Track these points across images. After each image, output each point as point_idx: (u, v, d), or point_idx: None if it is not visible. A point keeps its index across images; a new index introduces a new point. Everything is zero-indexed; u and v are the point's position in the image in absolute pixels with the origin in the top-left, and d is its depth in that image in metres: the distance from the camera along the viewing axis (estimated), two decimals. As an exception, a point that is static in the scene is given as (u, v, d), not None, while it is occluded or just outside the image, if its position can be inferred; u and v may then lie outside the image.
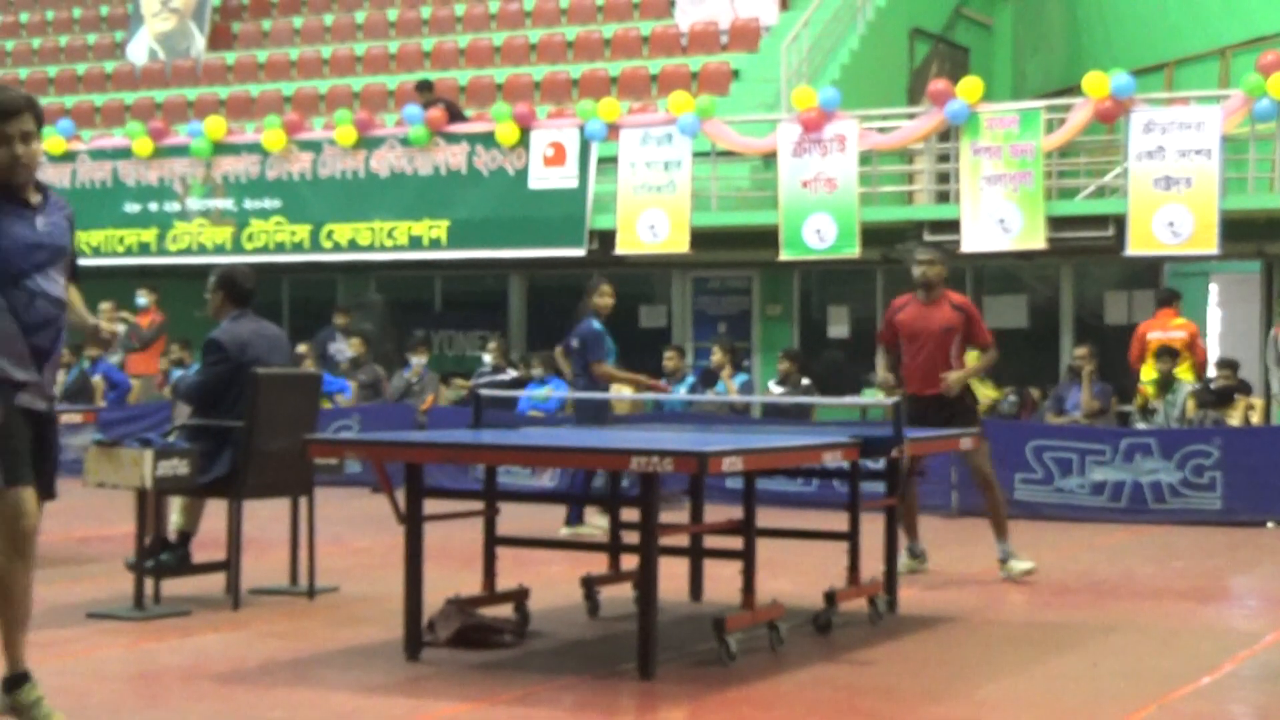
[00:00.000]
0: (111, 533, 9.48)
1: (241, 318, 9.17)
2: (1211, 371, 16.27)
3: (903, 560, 9.96)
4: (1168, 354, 15.70)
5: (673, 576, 8.44)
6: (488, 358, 17.59)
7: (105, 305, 19.62)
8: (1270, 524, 13.34)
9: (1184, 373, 15.45)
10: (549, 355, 17.15)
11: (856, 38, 20.65)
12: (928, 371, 10.24)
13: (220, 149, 19.58)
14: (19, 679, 5.86)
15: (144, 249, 19.85)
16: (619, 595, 8.78)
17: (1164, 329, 15.73)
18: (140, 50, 25.44)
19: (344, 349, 18.72)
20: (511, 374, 17.16)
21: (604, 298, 12.87)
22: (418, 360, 18.00)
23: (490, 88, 21.52)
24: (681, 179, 17.16)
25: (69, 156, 20.35)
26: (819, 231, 16.54)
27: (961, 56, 23.18)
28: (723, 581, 8.67)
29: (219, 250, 19.14)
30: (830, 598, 8.22)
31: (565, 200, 17.79)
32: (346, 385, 17.93)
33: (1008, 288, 18.50)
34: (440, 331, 20.80)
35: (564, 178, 17.83)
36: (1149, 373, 15.49)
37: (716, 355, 16.65)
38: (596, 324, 12.79)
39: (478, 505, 8.31)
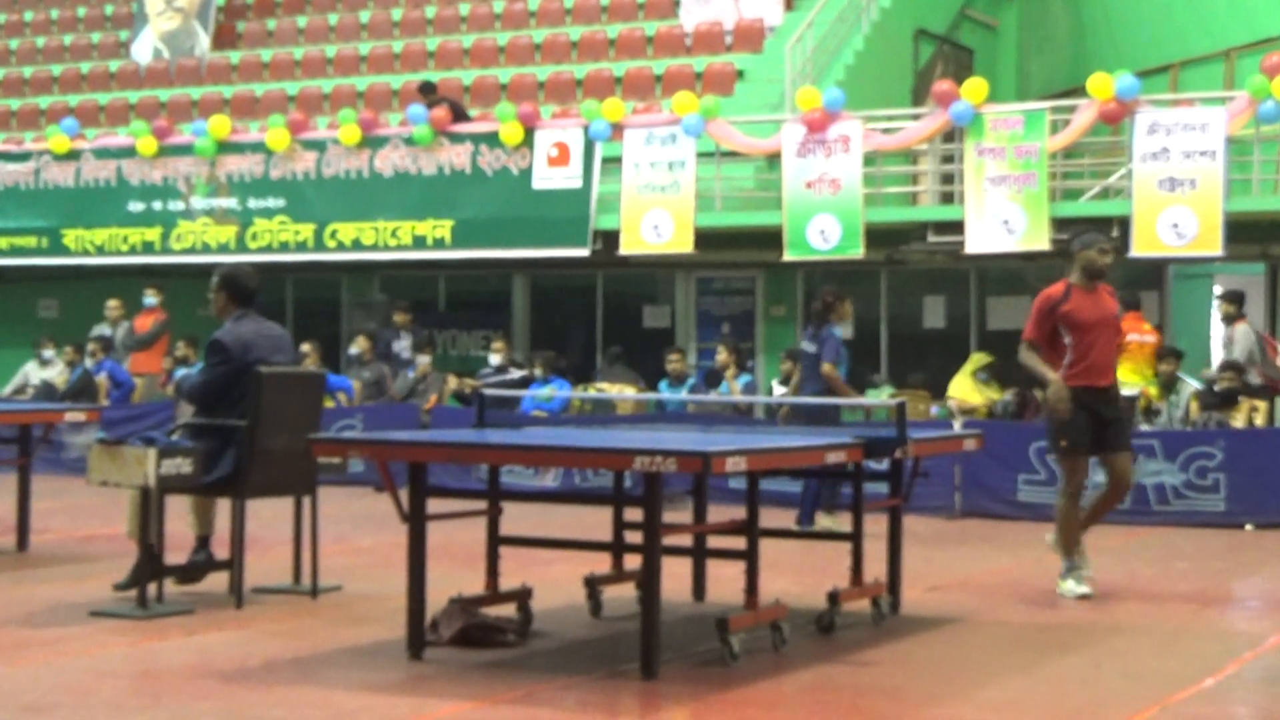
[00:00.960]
0: (115, 531, 9.49)
1: (244, 318, 9.17)
2: (1215, 374, 16.25)
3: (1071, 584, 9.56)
4: (1172, 355, 15.70)
5: (676, 576, 8.44)
6: (494, 358, 17.59)
7: (113, 303, 19.70)
8: (1249, 526, 13.31)
9: (1134, 377, 15.50)
10: (550, 355, 17.15)
11: (861, 38, 20.65)
12: (1104, 362, 9.70)
13: (224, 148, 19.59)
14: None
15: (148, 248, 19.86)
16: (622, 595, 8.78)
17: (1139, 332, 15.63)
18: (145, 49, 25.46)
19: (407, 347, 18.42)
20: (517, 374, 17.16)
21: (848, 311, 13.30)
22: (423, 359, 17.99)
23: (495, 87, 21.53)
24: (685, 179, 17.16)
25: (73, 155, 20.36)
26: (823, 232, 16.54)
27: (966, 57, 23.18)
28: (726, 582, 8.68)
29: (223, 249, 19.15)
30: (833, 598, 8.22)
31: (569, 200, 17.79)
32: (349, 384, 17.93)
33: (1011, 289, 18.49)
34: (444, 331, 20.81)
35: (568, 178, 17.84)
36: (1126, 374, 15.54)
37: (722, 355, 16.65)
38: (838, 331, 13.14)
39: (481, 505, 8.31)
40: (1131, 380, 15.50)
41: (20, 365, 20.08)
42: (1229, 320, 15.82)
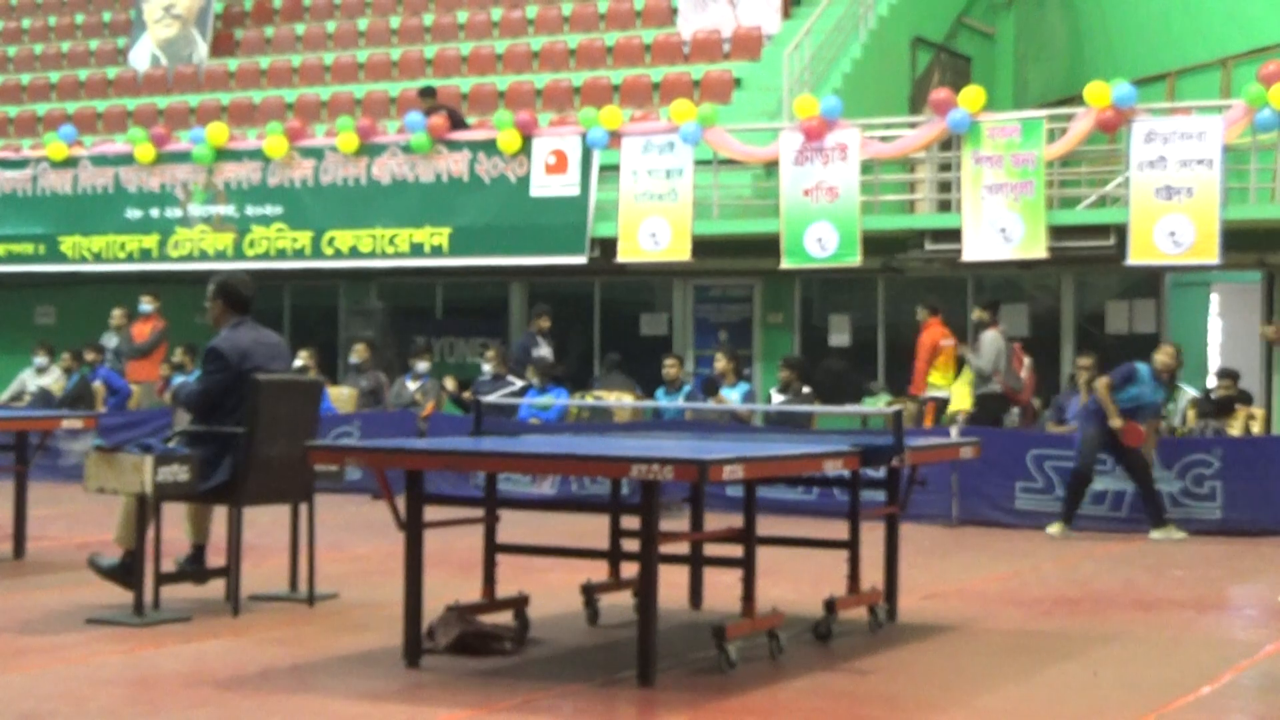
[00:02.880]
0: (112, 538, 9.48)
1: (241, 325, 9.17)
2: (1212, 381, 16.27)
3: None
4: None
5: (673, 584, 8.44)
6: (487, 367, 17.58)
7: (117, 312, 19.68)
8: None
9: (941, 380, 16.10)
10: (547, 363, 17.14)
11: (858, 46, 20.67)
12: None
13: (222, 155, 19.59)
14: None
15: (145, 255, 19.85)
16: (619, 603, 8.79)
17: (946, 338, 16.25)
18: (142, 56, 25.47)
19: (547, 354, 17.58)
20: (518, 384, 17.15)
21: (1167, 357, 13.82)
22: (422, 365, 17.97)
23: (492, 95, 21.54)
24: (683, 187, 17.17)
25: (71, 162, 20.36)
26: (820, 240, 16.55)
27: (963, 65, 23.20)
28: (723, 589, 8.68)
29: (220, 257, 19.14)
30: (830, 606, 8.23)
31: (567, 208, 17.80)
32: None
33: (1009, 297, 18.49)
34: (441, 338, 20.80)
35: (565, 185, 17.84)
36: (938, 378, 16.15)
37: (720, 363, 16.64)
38: (1142, 366, 13.65)
39: (478, 512, 8.31)
40: (939, 384, 16.11)
41: (17, 372, 20.08)
42: (981, 327, 16.18)
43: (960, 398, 16.31)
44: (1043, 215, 15.81)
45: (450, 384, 17.90)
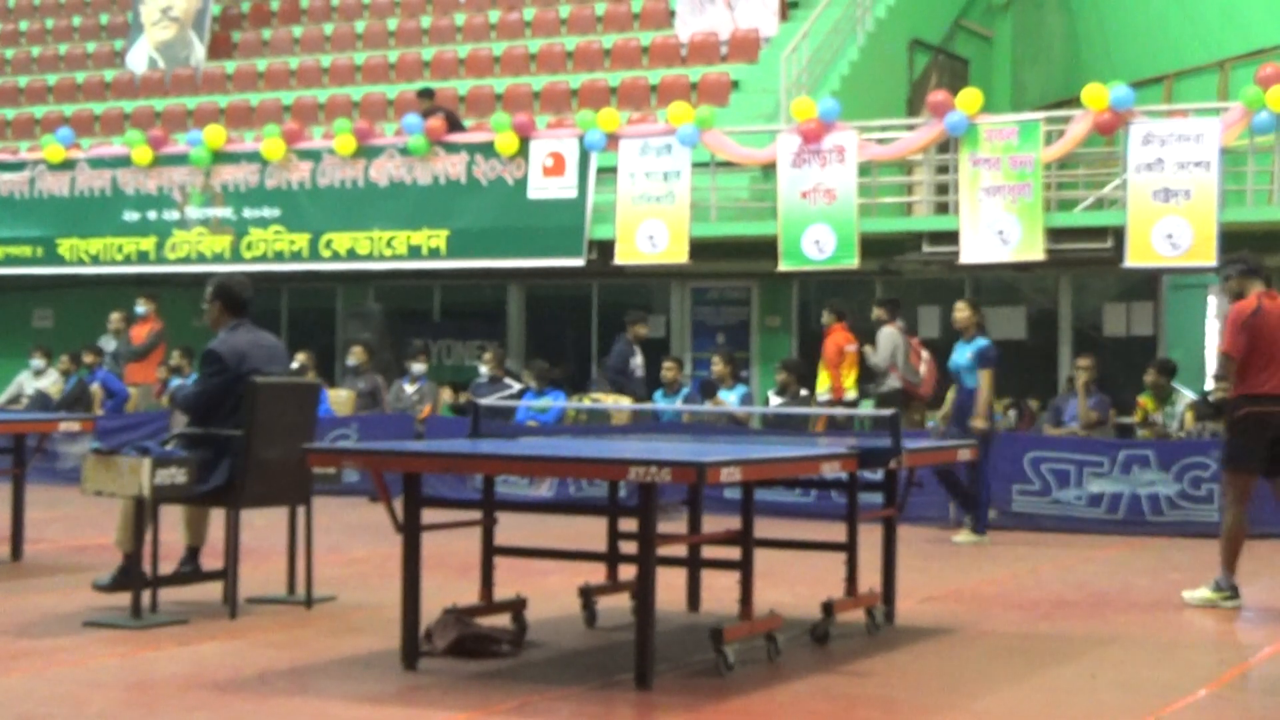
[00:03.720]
0: (109, 541, 9.48)
1: (239, 328, 9.17)
2: (1210, 384, 16.25)
3: (1205, 591, 9.81)
4: (1165, 366, 15.70)
5: (670, 587, 8.44)
6: (484, 369, 17.58)
7: (116, 315, 19.67)
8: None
9: (849, 384, 16.23)
10: (544, 367, 17.14)
11: (856, 49, 20.67)
12: None
13: (219, 158, 19.58)
14: None
15: (143, 257, 19.85)
16: (616, 605, 8.78)
17: (851, 343, 16.28)
18: (140, 59, 25.46)
19: (640, 363, 17.02)
20: (515, 386, 17.15)
21: (957, 312, 13.63)
22: (419, 368, 17.97)
23: (490, 97, 21.54)
24: (680, 189, 17.17)
25: (68, 165, 20.36)
26: (818, 242, 16.56)
27: (961, 68, 23.20)
28: (720, 592, 8.67)
29: (218, 259, 19.13)
30: (828, 609, 8.23)
31: (564, 210, 17.79)
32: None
33: (1006, 299, 18.50)
34: (439, 341, 20.80)
35: (563, 188, 17.84)
36: (845, 381, 16.31)
37: (718, 367, 16.63)
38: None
39: (476, 515, 8.31)
40: (846, 388, 16.30)
41: (15, 375, 20.07)
42: (879, 324, 16.27)
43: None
44: (1040, 217, 15.82)
45: (447, 395, 17.89)
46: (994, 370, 13.37)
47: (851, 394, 16.37)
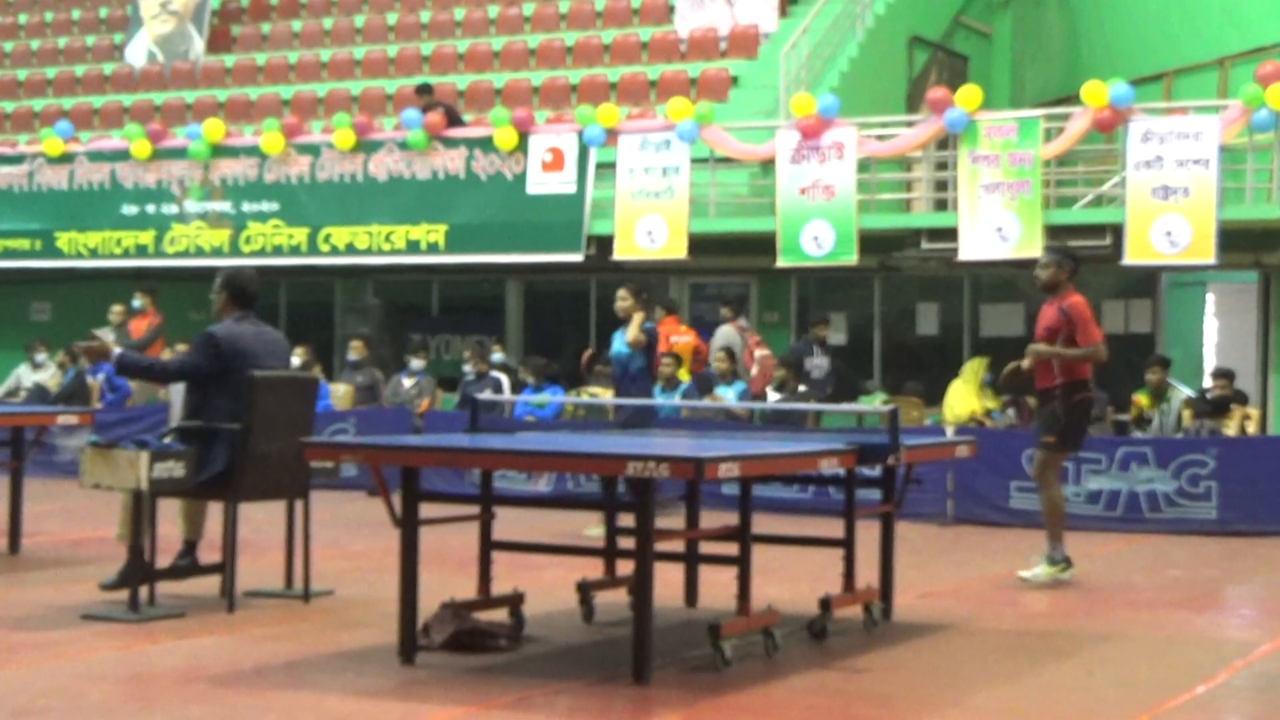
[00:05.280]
0: (107, 534, 9.49)
1: (244, 320, 9.19)
2: (1208, 381, 16.27)
3: (1042, 568, 10.36)
4: (1160, 364, 15.72)
5: (668, 582, 8.44)
6: (468, 367, 17.54)
7: (117, 308, 19.66)
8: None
9: (684, 375, 16.43)
10: (541, 363, 17.13)
11: (855, 45, 20.65)
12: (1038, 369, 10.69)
13: (218, 152, 19.58)
14: None
15: (141, 251, 19.85)
16: (614, 600, 8.78)
17: (677, 334, 16.56)
18: (139, 52, 25.44)
19: (823, 364, 16.73)
20: (505, 382, 17.12)
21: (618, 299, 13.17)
22: (418, 363, 17.96)
23: (489, 92, 21.53)
24: (680, 185, 17.17)
25: (67, 158, 20.35)
26: (817, 239, 16.55)
27: (960, 65, 23.20)
28: (718, 587, 8.68)
29: (216, 253, 19.14)
30: (825, 604, 8.23)
31: (563, 205, 17.79)
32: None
33: (1005, 296, 18.50)
34: (437, 336, 20.80)
35: (562, 183, 17.84)
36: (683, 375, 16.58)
37: (721, 364, 16.62)
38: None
39: (474, 509, 8.31)
40: (681, 377, 16.44)
41: (13, 368, 20.06)
42: (724, 321, 17.07)
43: (965, 401, 16.32)
44: (1039, 214, 15.82)
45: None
46: (651, 354, 12.97)
47: (682, 383, 16.60)
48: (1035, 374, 10.68)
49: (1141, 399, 15.59)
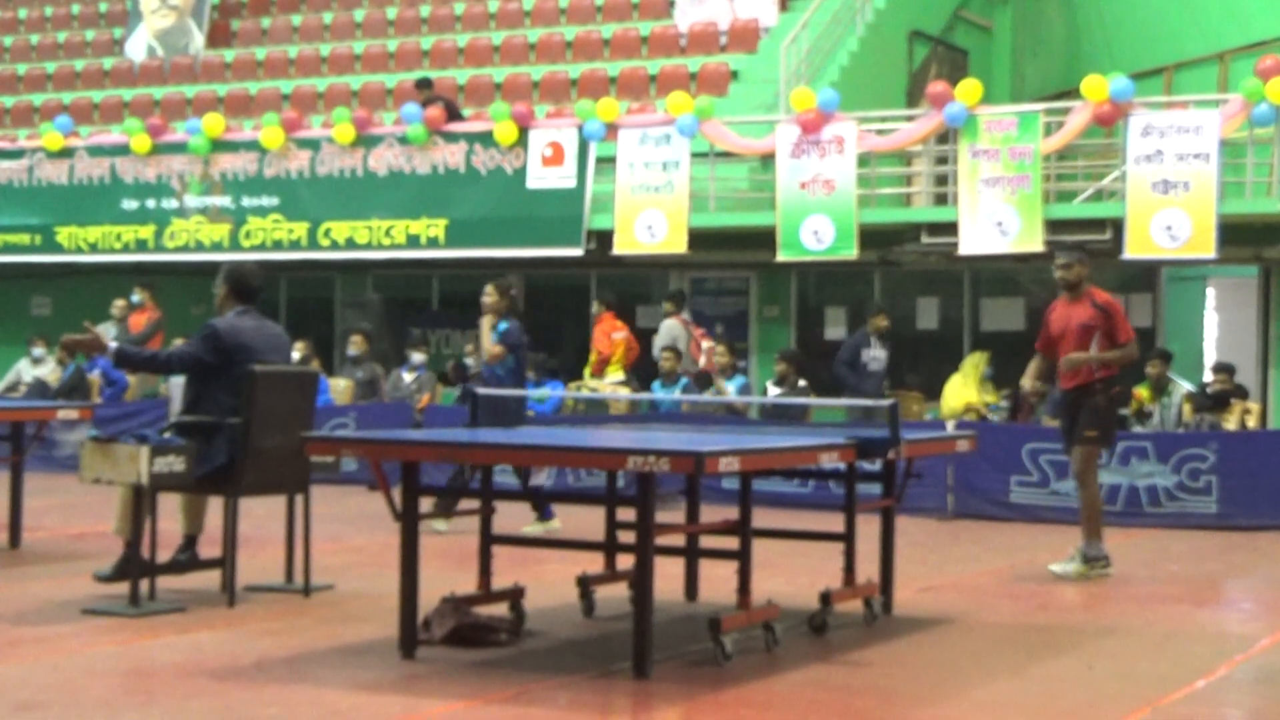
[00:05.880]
0: (107, 529, 9.49)
1: (245, 314, 9.19)
2: (1208, 376, 16.27)
3: (1075, 565, 10.34)
4: (1160, 357, 15.72)
5: (668, 577, 8.44)
6: (469, 360, 17.55)
7: (119, 302, 19.66)
8: None
9: (615, 369, 16.96)
10: (539, 358, 17.14)
11: (855, 39, 20.65)
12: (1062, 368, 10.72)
13: (218, 146, 19.57)
14: None
15: (141, 246, 19.84)
16: (614, 595, 8.78)
17: (616, 330, 17.22)
18: (139, 47, 25.43)
19: (881, 356, 16.36)
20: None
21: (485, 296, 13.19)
22: (418, 357, 17.96)
23: (489, 87, 21.52)
24: (679, 179, 17.16)
25: (67, 153, 20.34)
26: (817, 233, 16.54)
27: (960, 59, 23.19)
28: (718, 582, 8.68)
29: (216, 248, 19.14)
30: (825, 599, 8.23)
31: (563, 200, 17.79)
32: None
33: (1005, 290, 18.51)
34: (437, 330, 20.80)
35: (562, 177, 17.83)
36: (613, 369, 16.96)
37: (724, 358, 16.63)
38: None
39: (474, 504, 8.31)
40: (613, 373, 16.95)
41: (13, 363, 20.06)
42: (666, 316, 17.24)
43: (962, 395, 16.33)
44: (1039, 209, 15.81)
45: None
46: (519, 352, 12.79)
47: (616, 376, 17.02)
48: (1062, 374, 10.69)
49: (1142, 393, 15.58)
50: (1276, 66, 15.26)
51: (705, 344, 17.02)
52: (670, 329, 17.11)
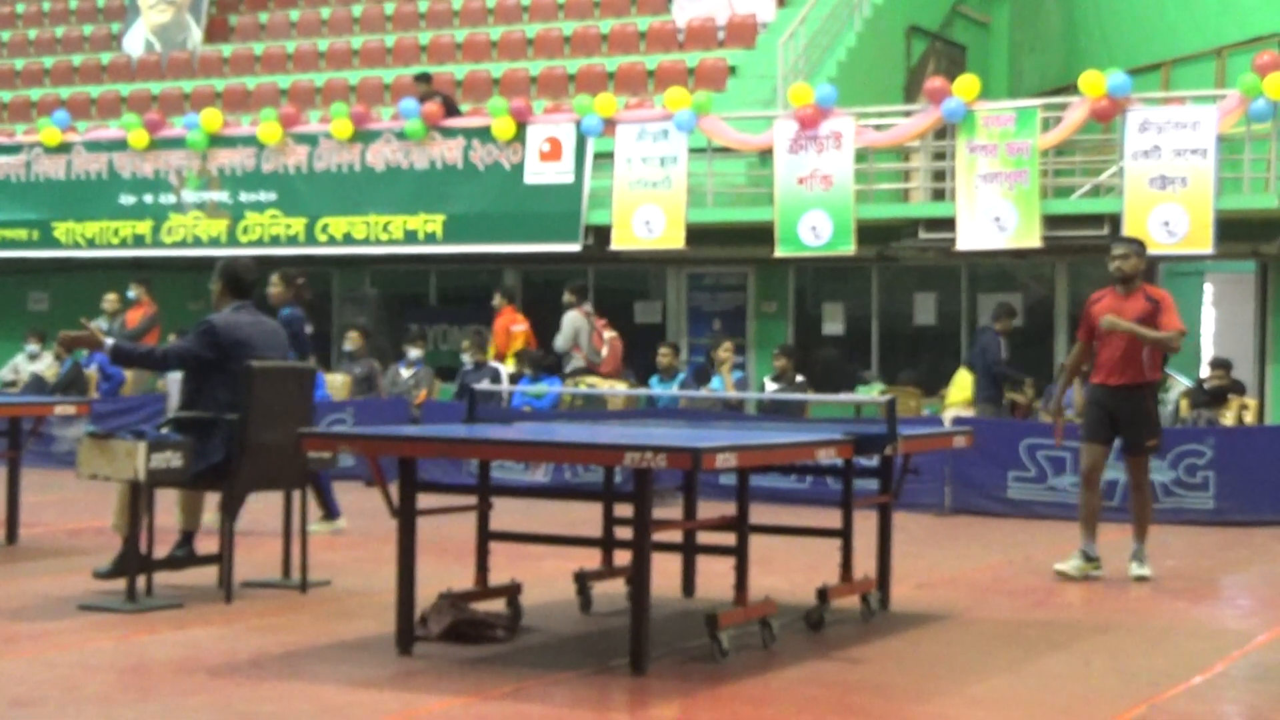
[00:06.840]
0: (104, 524, 9.49)
1: (241, 310, 9.19)
2: (1205, 371, 16.27)
3: (1075, 563, 10.27)
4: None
5: (665, 573, 8.45)
6: (465, 357, 17.53)
7: (111, 296, 19.66)
8: None
9: (510, 362, 17.21)
10: (536, 354, 17.12)
11: (853, 35, 20.65)
12: (1109, 362, 10.38)
13: (216, 141, 19.57)
14: None
15: (139, 241, 19.84)
16: (612, 591, 8.79)
17: (516, 323, 17.57)
18: (136, 42, 25.42)
19: (1004, 346, 16.11)
20: (504, 372, 17.12)
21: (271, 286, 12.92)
22: (415, 353, 17.95)
23: (487, 82, 21.52)
24: (677, 175, 17.16)
25: (64, 148, 20.33)
26: (814, 228, 16.55)
27: (958, 54, 23.19)
28: (715, 578, 8.68)
29: (214, 243, 19.13)
30: (823, 595, 8.23)
31: (561, 195, 17.78)
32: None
33: (1003, 286, 18.50)
34: (435, 326, 20.79)
35: (560, 173, 17.83)
36: (511, 362, 17.26)
37: (724, 353, 16.60)
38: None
39: (471, 500, 8.31)
40: (510, 365, 17.18)
41: (10, 358, 20.05)
42: (567, 308, 17.23)
43: (964, 390, 16.33)
44: (1037, 204, 15.82)
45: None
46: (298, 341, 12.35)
47: (509, 368, 17.11)
48: (1108, 368, 10.32)
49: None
50: (1274, 62, 15.27)
51: (608, 334, 17.16)
52: (573, 320, 17.12)
